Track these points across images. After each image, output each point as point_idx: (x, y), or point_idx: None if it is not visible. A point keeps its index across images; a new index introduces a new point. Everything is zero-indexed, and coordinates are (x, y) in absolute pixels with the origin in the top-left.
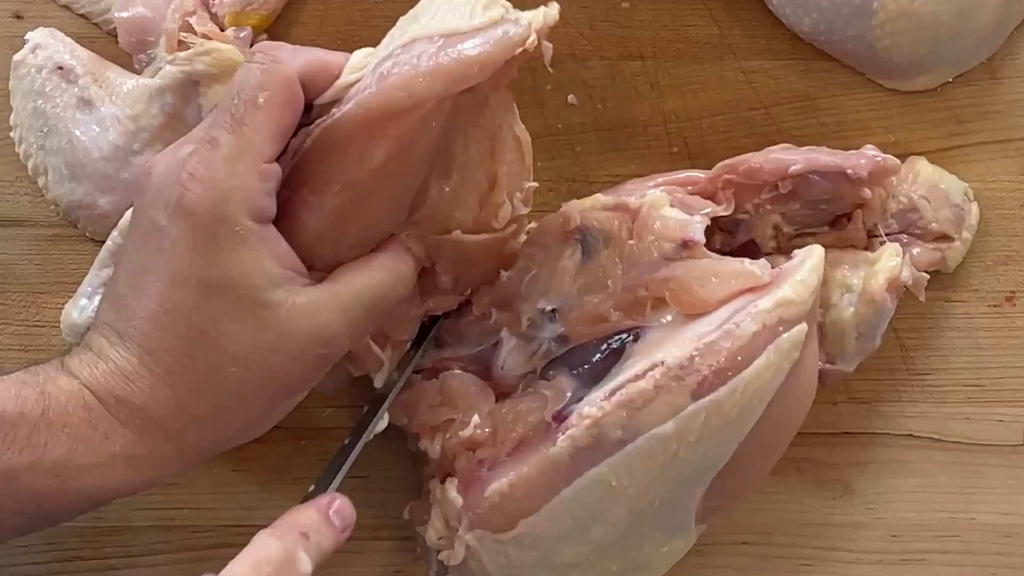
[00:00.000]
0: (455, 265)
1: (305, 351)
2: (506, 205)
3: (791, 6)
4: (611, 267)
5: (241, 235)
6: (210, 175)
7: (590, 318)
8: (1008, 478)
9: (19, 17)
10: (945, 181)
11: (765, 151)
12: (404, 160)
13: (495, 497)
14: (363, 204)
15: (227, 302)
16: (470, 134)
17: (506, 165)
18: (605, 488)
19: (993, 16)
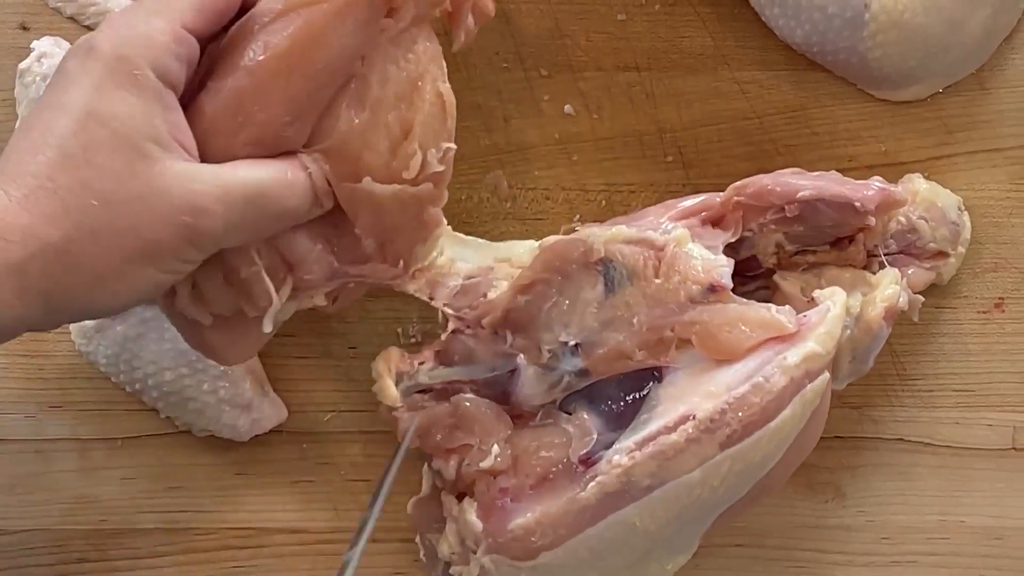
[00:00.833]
0: (373, 224)
1: (172, 211)
2: (417, 155)
3: (784, 18)
4: (636, 305)
5: (139, 81)
6: (124, 21)
7: (614, 355)
8: (997, 482)
9: (25, 28)
10: (941, 198)
11: (776, 173)
12: (308, 54)
13: (519, 530)
14: (261, 95)
15: (105, 134)
16: (389, 72)
17: (423, 116)
18: (628, 527)
19: (981, 28)
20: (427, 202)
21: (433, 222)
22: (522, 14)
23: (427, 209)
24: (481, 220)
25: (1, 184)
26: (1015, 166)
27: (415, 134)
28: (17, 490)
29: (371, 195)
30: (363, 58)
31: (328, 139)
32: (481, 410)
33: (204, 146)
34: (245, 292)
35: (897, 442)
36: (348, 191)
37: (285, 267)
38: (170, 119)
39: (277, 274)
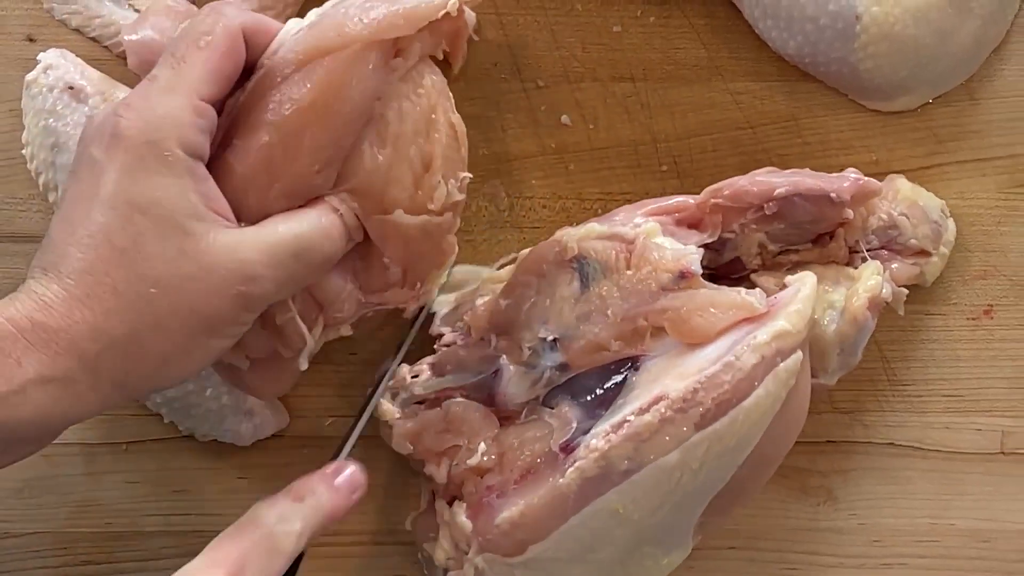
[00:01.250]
0: (400, 252)
1: (226, 284)
2: (441, 187)
3: (777, 29)
4: (610, 297)
5: (170, 161)
6: (144, 104)
7: (591, 348)
8: (986, 485)
9: (32, 40)
10: (923, 199)
11: (751, 174)
12: (331, 105)
13: (505, 525)
14: (290, 149)
15: (149, 223)
16: (405, 108)
17: (441, 148)
18: (611, 514)
19: (971, 39)
20: (447, 230)
21: (450, 248)
22: (519, 26)
23: (446, 237)
24: (479, 229)
25: (60, 284)
26: (1004, 175)
27: (436, 166)
28: (24, 493)
29: (400, 227)
30: (379, 98)
31: (355, 178)
32: (469, 412)
33: (238, 204)
34: (281, 336)
35: (888, 446)
36: (379, 224)
37: (317, 308)
38: (203, 191)
39: (310, 315)
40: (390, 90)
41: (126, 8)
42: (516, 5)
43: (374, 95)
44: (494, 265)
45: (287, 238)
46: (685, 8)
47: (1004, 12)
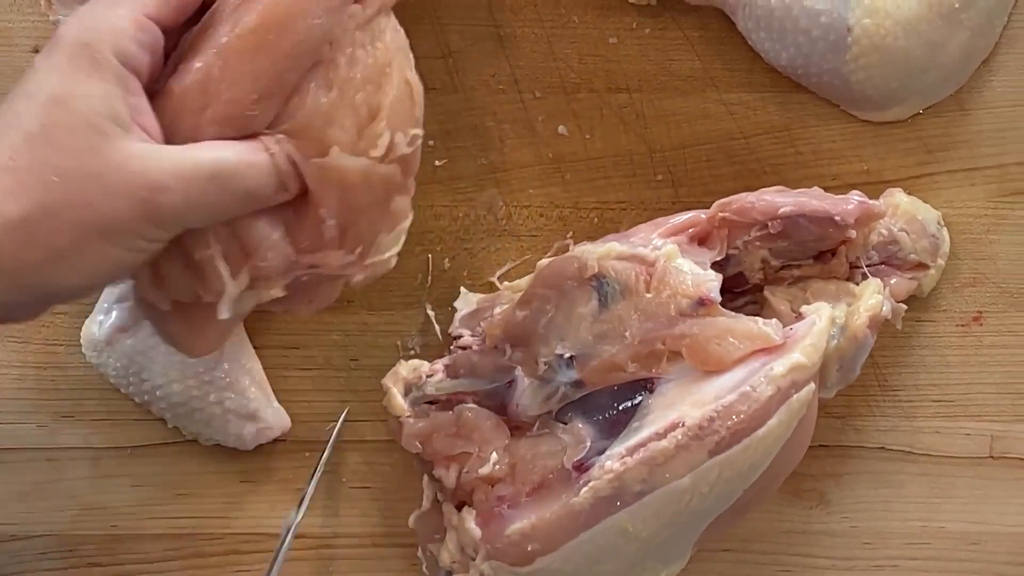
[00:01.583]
0: (336, 201)
1: (129, 187)
2: (385, 135)
3: (770, 41)
4: (628, 318)
5: (101, 65)
6: (88, 11)
7: (607, 367)
8: (975, 489)
9: (37, 51)
10: (921, 212)
11: (759, 192)
12: (274, 33)
13: (515, 536)
14: (228, 72)
15: (65, 115)
16: (357, 55)
17: (391, 100)
18: (620, 532)
19: (960, 51)
20: (395, 189)
21: (401, 213)
22: (517, 38)
23: (394, 198)
24: (477, 237)
25: None
26: (993, 184)
27: (383, 115)
28: (31, 497)
29: (338, 170)
30: (331, 43)
31: (294, 120)
32: (481, 419)
33: (171, 127)
34: (200, 276)
35: (879, 451)
36: (316, 168)
37: (243, 255)
38: (131, 102)
39: (235, 261)
40: (344, 36)
41: None
42: (514, 17)
43: (324, 37)
44: (495, 274)
45: (206, 159)
46: (680, 20)
47: (992, 25)
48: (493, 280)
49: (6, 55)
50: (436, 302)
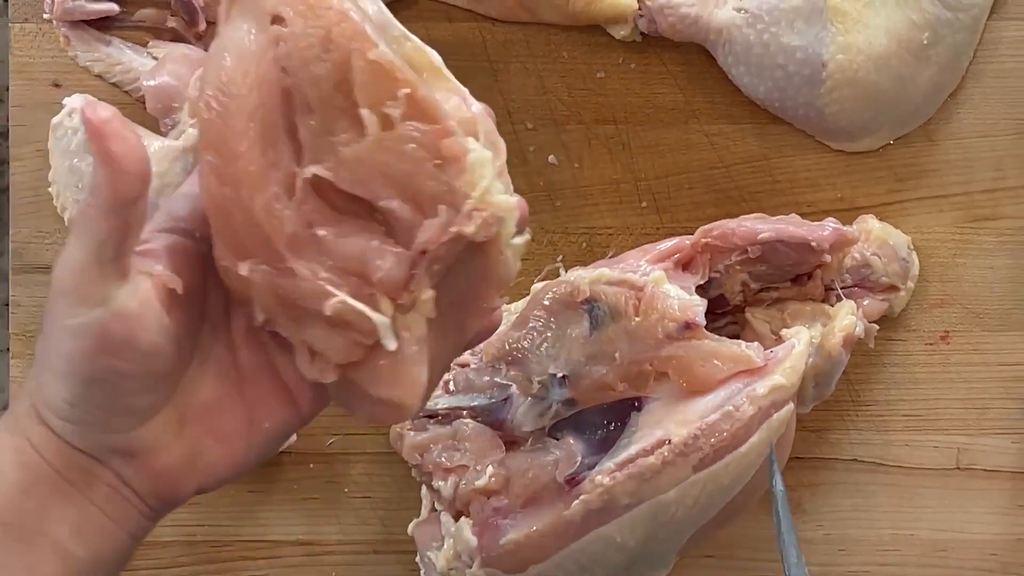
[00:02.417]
0: (386, 187)
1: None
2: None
3: (748, 75)
4: (618, 340)
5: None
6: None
7: (598, 387)
8: (942, 498)
9: (57, 85)
10: (892, 237)
11: (740, 219)
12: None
13: (510, 545)
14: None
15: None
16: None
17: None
18: (609, 542)
19: (928, 85)
20: (428, 138)
21: (456, 150)
22: (510, 72)
23: (438, 143)
24: None
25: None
26: (959, 211)
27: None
28: None
29: (359, 160)
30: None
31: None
32: (478, 434)
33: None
34: (346, 326)
35: (852, 462)
36: (347, 168)
37: (365, 282)
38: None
39: (363, 294)
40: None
41: (145, 56)
42: (506, 52)
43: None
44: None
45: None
46: (663, 56)
47: (959, 60)
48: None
49: (28, 88)
50: None
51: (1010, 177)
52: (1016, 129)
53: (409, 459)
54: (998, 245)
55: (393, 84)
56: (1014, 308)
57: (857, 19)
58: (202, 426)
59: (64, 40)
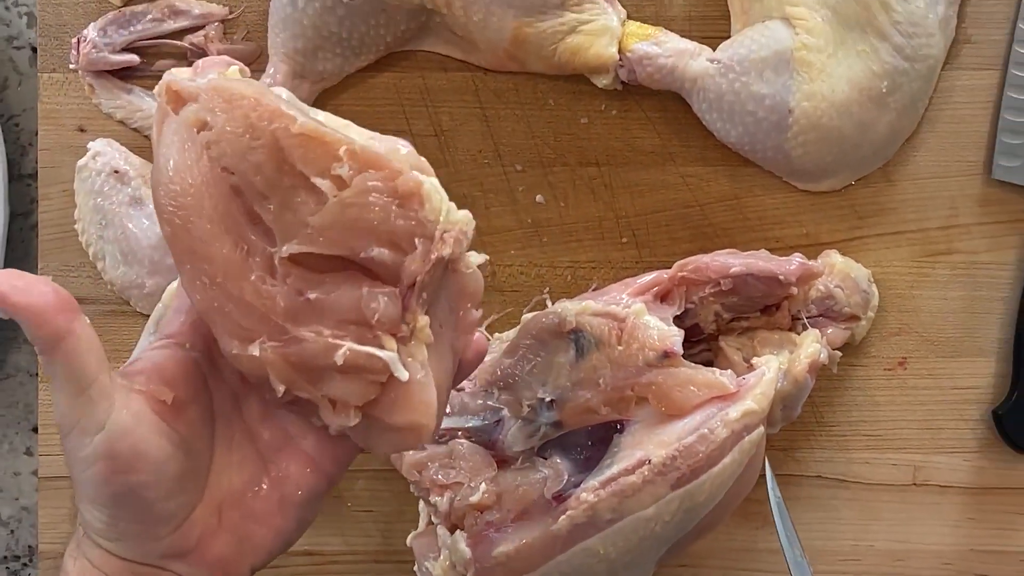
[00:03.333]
0: (360, 239)
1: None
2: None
3: (721, 121)
4: (602, 368)
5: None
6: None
7: (583, 410)
8: (900, 512)
9: (82, 130)
10: (854, 270)
11: (713, 254)
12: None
13: (501, 556)
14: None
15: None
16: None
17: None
18: (593, 554)
19: (887, 130)
20: (388, 180)
21: (411, 185)
22: (500, 119)
23: (395, 184)
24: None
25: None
26: (916, 247)
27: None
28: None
29: (332, 217)
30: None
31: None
32: (471, 453)
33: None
34: (359, 370)
35: (816, 479)
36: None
37: (366, 326)
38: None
39: (364, 336)
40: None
41: None
42: (497, 100)
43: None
44: (482, 325)
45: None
46: (642, 103)
47: (916, 106)
48: (481, 330)
49: (55, 133)
50: None
51: (963, 215)
52: (968, 171)
53: (408, 476)
54: (951, 278)
55: (329, 147)
56: (966, 336)
57: (821, 69)
58: (239, 511)
59: (88, 88)
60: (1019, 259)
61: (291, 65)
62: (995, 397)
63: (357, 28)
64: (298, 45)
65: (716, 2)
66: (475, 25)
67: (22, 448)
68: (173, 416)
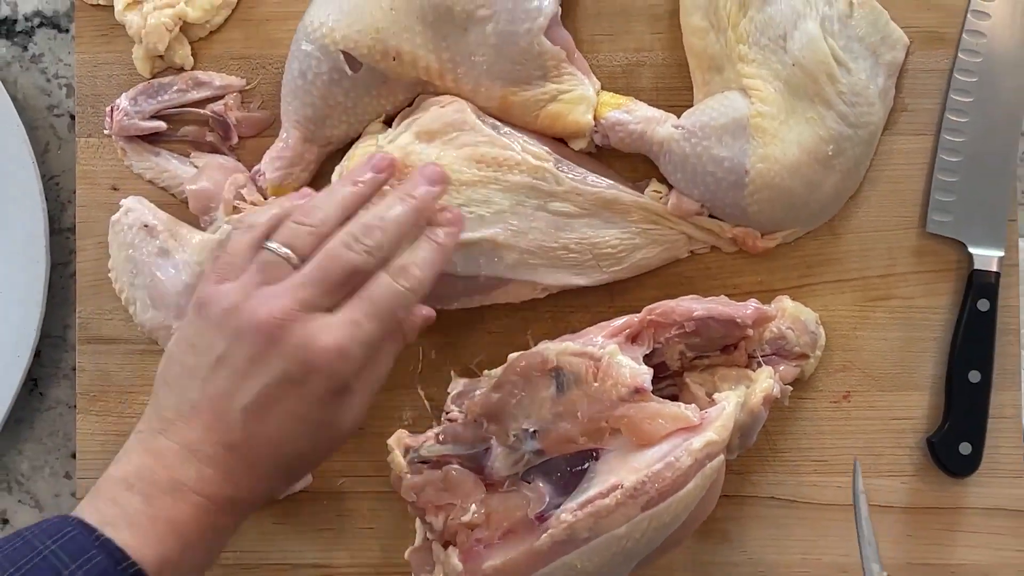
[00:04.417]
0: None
1: (340, 440)
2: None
3: (684, 180)
4: (580, 402)
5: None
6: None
7: (563, 440)
8: (845, 529)
9: (115, 189)
10: (803, 314)
11: (678, 299)
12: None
13: (490, 570)
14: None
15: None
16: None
17: None
18: (571, 568)
19: (833, 189)
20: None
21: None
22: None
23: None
24: (456, 332)
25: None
26: (858, 292)
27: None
28: None
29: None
30: None
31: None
32: (463, 477)
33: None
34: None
35: (770, 499)
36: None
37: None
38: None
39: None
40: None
41: (188, 165)
42: None
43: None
44: (472, 362)
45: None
46: (615, 164)
47: (858, 168)
48: (472, 367)
49: (91, 192)
50: (426, 383)
51: (900, 264)
52: (905, 225)
53: (406, 497)
54: (890, 320)
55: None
56: (903, 372)
57: (774, 134)
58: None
59: (121, 151)
60: (951, 304)
61: (302, 131)
62: (929, 426)
63: (361, 98)
64: (308, 113)
65: (680, 75)
66: (465, 94)
67: (62, 472)
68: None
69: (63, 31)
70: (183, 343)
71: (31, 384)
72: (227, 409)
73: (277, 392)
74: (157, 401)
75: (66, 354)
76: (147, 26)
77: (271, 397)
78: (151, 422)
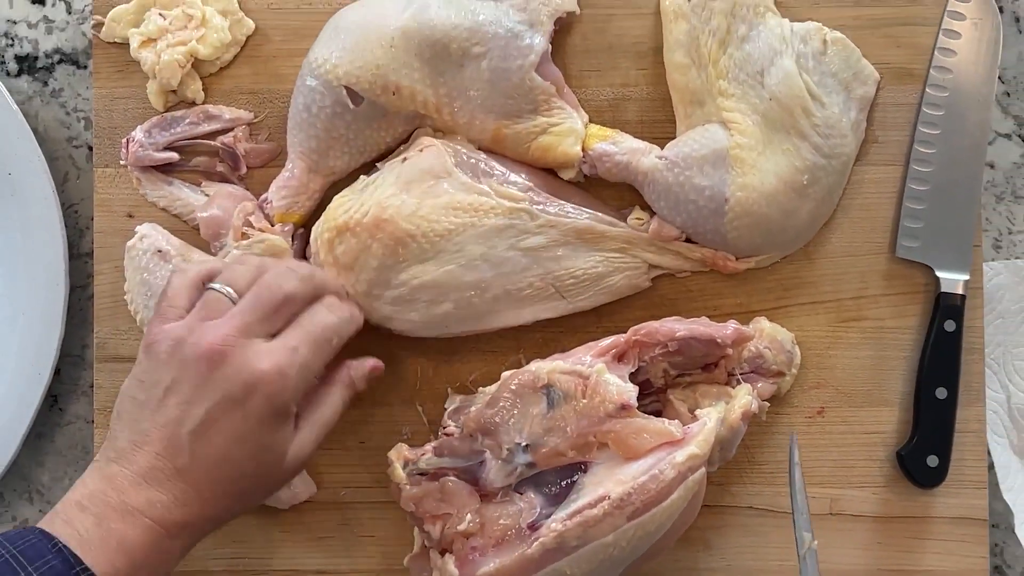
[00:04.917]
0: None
1: (289, 473)
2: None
3: (668, 208)
4: (569, 418)
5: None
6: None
7: (553, 453)
8: (819, 537)
9: (131, 216)
10: (780, 334)
11: (662, 320)
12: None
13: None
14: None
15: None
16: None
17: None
18: (561, 574)
19: (808, 217)
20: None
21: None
22: None
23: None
24: (454, 351)
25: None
26: (832, 314)
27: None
28: None
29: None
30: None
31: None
32: (459, 489)
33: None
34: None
35: (749, 509)
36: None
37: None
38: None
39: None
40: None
41: (199, 193)
42: None
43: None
44: (468, 379)
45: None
46: (602, 193)
47: (832, 197)
48: (467, 384)
49: (107, 219)
50: (424, 399)
51: (871, 287)
52: (876, 250)
53: (405, 507)
54: (862, 340)
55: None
56: (874, 389)
57: (752, 165)
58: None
59: (136, 181)
60: (919, 324)
61: (307, 162)
62: (899, 440)
63: (362, 131)
64: (312, 145)
65: (664, 108)
66: (461, 127)
67: None
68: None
69: (81, 67)
70: (134, 381)
71: (51, 400)
72: (176, 434)
73: (219, 413)
74: (112, 435)
75: (84, 372)
76: (161, 63)
77: (214, 418)
78: (107, 452)
